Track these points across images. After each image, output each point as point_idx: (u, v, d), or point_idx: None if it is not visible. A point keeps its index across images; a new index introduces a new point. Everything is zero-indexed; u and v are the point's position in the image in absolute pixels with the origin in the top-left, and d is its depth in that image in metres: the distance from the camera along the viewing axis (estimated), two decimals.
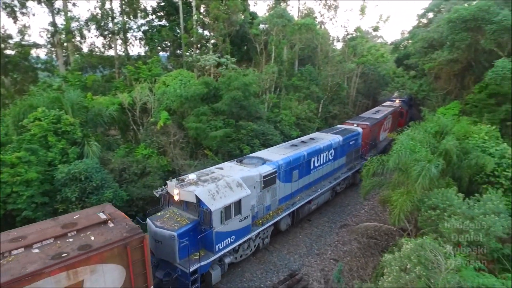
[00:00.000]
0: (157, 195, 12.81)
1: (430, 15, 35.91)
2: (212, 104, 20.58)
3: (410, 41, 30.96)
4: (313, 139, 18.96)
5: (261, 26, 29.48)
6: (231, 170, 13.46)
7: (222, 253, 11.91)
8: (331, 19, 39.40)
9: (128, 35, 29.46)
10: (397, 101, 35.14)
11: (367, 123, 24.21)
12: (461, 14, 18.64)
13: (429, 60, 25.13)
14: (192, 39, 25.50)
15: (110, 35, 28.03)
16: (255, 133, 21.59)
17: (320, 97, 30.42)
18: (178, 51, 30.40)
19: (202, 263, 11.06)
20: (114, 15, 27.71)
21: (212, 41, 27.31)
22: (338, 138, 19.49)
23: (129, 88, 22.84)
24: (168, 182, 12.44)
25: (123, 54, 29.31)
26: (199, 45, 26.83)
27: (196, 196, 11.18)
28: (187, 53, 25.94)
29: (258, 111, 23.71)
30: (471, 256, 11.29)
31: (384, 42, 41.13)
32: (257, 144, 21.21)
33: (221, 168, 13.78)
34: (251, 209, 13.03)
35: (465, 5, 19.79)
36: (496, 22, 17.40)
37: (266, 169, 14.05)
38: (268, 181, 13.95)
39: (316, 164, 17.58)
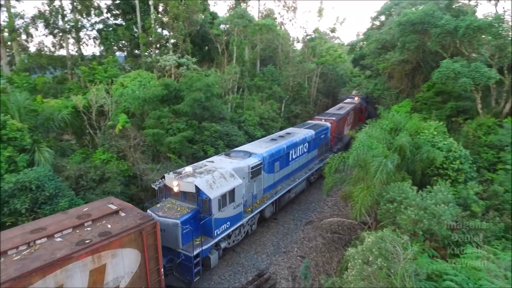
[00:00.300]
0: (156, 188, 13.54)
1: (382, 17, 37.99)
2: (174, 106, 20.10)
3: (365, 43, 32.41)
4: (289, 133, 20.58)
5: (222, 26, 29.33)
6: (222, 163, 14.67)
7: (219, 238, 13.04)
8: (290, 20, 40.27)
9: (81, 34, 27.81)
10: (356, 98, 37.66)
11: (334, 118, 26.13)
12: (410, 17, 19.90)
13: (382, 60, 26.57)
14: (150, 38, 24.69)
15: (60, 34, 26.26)
16: (219, 134, 21.41)
17: (282, 97, 30.94)
18: (136, 51, 29.31)
19: (204, 247, 12.15)
20: (65, 12, 26.00)
21: (172, 40, 26.67)
22: (311, 132, 21.25)
23: (83, 90, 21.58)
24: (165, 175, 13.28)
25: (76, 54, 27.60)
26: (158, 45, 26.02)
27: (196, 186, 12.20)
28: (146, 53, 25.07)
29: (222, 111, 23.56)
30: (426, 244, 12.16)
31: (341, 43, 42.75)
32: (221, 145, 21.07)
33: (212, 162, 14.92)
34: (242, 197, 14.18)
35: (413, 9, 21.12)
36: (440, 25, 18.80)
37: (253, 161, 15.35)
38: (255, 172, 15.28)
39: (294, 156, 19.19)
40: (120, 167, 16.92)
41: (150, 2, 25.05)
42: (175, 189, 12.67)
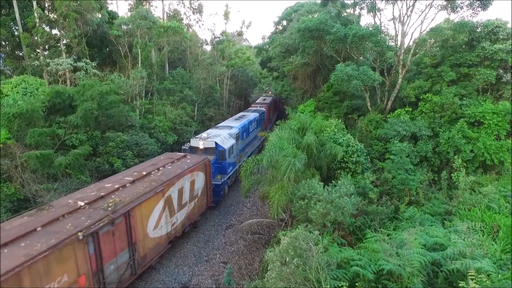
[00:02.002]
0: (187, 148, 20.21)
1: (285, 22, 40.52)
2: (68, 116, 17.81)
3: (270, 46, 34.01)
4: (244, 115, 28.91)
5: (124, 27, 27.19)
6: (219, 131, 22.30)
7: (229, 175, 21.00)
8: (197, 22, 39.81)
9: None
10: (270, 92, 45.13)
11: (265, 105, 35.55)
12: (307, 24, 21.60)
13: (287, 63, 28.30)
14: (37, 39, 21.34)
15: None
16: (127, 144, 19.83)
17: (195, 100, 30.36)
18: (20, 53, 25.04)
19: (223, 180, 20.03)
20: None
21: (65, 41, 23.53)
22: (256, 114, 29.91)
23: None
24: (191, 139, 20.62)
25: None
26: (47, 46, 22.69)
27: (215, 142, 19.59)
28: (32, 55, 21.58)
29: (129, 119, 21.91)
30: (335, 234, 13.37)
31: (249, 46, 44.07)
32: (130, 155, 19.56)
33: (212, 132, 22.18)
34: (235, 151, 21.92)
35: (309, 17, 22.98)
36: (332, 33, 20.88)
37: (235, 130, 23.10)
38: (237, 137, 22.78)
39: (250, 130, 27.04)
40: (6, 191, 14.27)
41: None
42: (201, 147, 19.62)
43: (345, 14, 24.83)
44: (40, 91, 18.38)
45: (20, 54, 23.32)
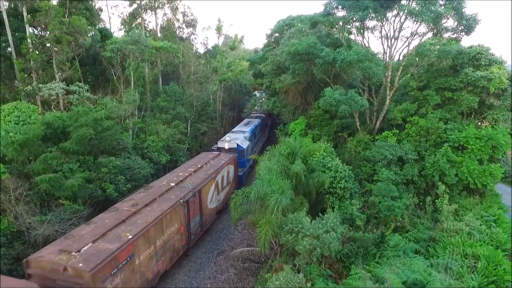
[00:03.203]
0: (215, 149, 26.89)
1: (277, 33, 40.99)
2: (62, 143, 18.06)
3: (262, 62, 34.37)
4: (250, 121, 34.85)
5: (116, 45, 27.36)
6: (236, 135, 29.02)
7: (246, 168, 27.74)
8: (190, 36, 40.08)
9: None
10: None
11: (263, 113, 40.70)
12: (297, 48, 22.05)
13: (278, 81, 28.75)
14: (31, 64, 21.46)
15: None
16: (119, 169, 20.05)
17: (188, 116, 30.65)
18: (13, 76, 24.92)
19: (243, 172, 27.03)
20: None
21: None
22: (259, 119, 36.36)
23: None
24: (218, 142, 27.33)
25: None
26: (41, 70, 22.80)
27: (237, 144, 26.50)
28: (25, 80, 21.69)
29: (122, 141, 22.14)
30: (322, 265, 13.82)
31: (242, 58, 44.25)
32: (122, 181, 19.75)
33: (230, 136, 28.75)
34: (249, 150, 28.57)
35: (298, 40, 23.42)
36: (322, 57, 21.36)
37: (247, 134, 30.10)
38: (249, 139, 29.70)
39: (256, 133, 33.38)
40: None
41: (24, 19, 21.79)
42: (226, 147, 26.37)
43: (334, 32, 25.30)
44: (32, 119, 18.55)
45: (14, 78, 23.39)
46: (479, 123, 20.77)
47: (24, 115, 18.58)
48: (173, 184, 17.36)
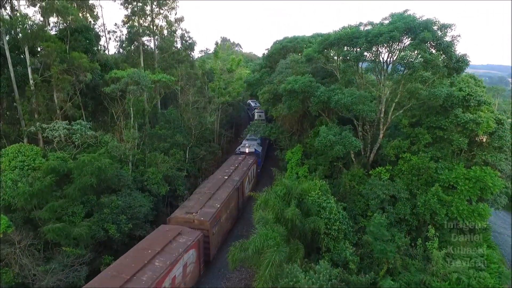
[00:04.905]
0: (238, 152, 34.05)
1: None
2: (66, 189, 18.61)
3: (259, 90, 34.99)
4: (252, 137, 38.13)
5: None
6: (251, 142, 36.11)
7: (260, 167, 35.96)
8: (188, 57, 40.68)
9: None
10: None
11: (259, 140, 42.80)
12: (293, 86, 22.70)
13: (275, 110, 29.40)
14: (37, 107, 21.96)
15: None
16: (121, 209, 20.59)
17: (186, 144, 31.22)
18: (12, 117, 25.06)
19: (259, 170, 35.19)
20: None
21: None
22: (259, 139, 38.78)
23: None
24: (240, 147, 34.87)
25: None
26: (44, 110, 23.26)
27: (255, 148, 34.67)
28: (27, 121, 22.21)
29: (122, 178, 22.68)
30: None
31: (239, 78, 44.65)
32: (124, 220, 20.25)
33: (246, 142, 35.96)
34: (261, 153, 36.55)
35: (292, 78, 24.09)
36: (317, 96, 22.02)
37: (258, 141, 36.94)
38: (261, 144, 37.29)
39: (262, 141, 38.82)
40: (4, 279, 15.03)
41: (27, 62, 22.30)
42: (247, 151, 33.63)
43: (329, 67, 26.00)
44: (37, 163, 19.08)
45: (16, 115, 23.87)
46: (470, 159, 21.40)
47: (28, 160, 19.09)
48: (226, 177, 26.83)
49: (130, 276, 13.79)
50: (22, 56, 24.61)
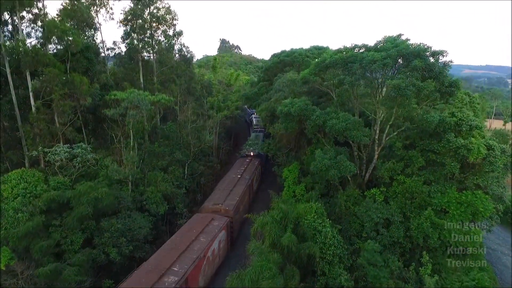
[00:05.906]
0: (244, 155, 40.72)
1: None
2: (65, 218, 19.01)
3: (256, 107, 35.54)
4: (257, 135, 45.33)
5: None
6: (256, 139, 42.48)
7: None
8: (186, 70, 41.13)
9: None
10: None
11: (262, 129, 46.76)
12: (289, 110, 23.19)
13: (272, 128, 29.90)
14: (39, 132, 22.39)
15: None
16: (121, 232, 20.98)
17: (185, 160, 31.65)
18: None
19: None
20: None
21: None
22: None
23: None
24: (245, 151, 40.08)
25: None
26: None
27: (258, 151, 40.11)
28: (29, 146, 22.61)
29: (122, 200, 23.09)
30: None
31: (238, 90, 45.20)
32: (124, 243, 20.65)
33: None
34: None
35: (288, 100, 24.59)
36: (312, 119, 22.50)
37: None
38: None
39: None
40: None
41: (29, 87, 22.74)
42: (251, 154, 39.94)
43: (325, 89, 26.49)
44: (39, 190, 19.49)
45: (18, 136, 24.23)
46: (462, 181, 21.81)
47: (30, 187, 19.49)
48: (239, 176, 32.87)
49: (186, 247, 19.32)
50: (23, 80, 24.96)
